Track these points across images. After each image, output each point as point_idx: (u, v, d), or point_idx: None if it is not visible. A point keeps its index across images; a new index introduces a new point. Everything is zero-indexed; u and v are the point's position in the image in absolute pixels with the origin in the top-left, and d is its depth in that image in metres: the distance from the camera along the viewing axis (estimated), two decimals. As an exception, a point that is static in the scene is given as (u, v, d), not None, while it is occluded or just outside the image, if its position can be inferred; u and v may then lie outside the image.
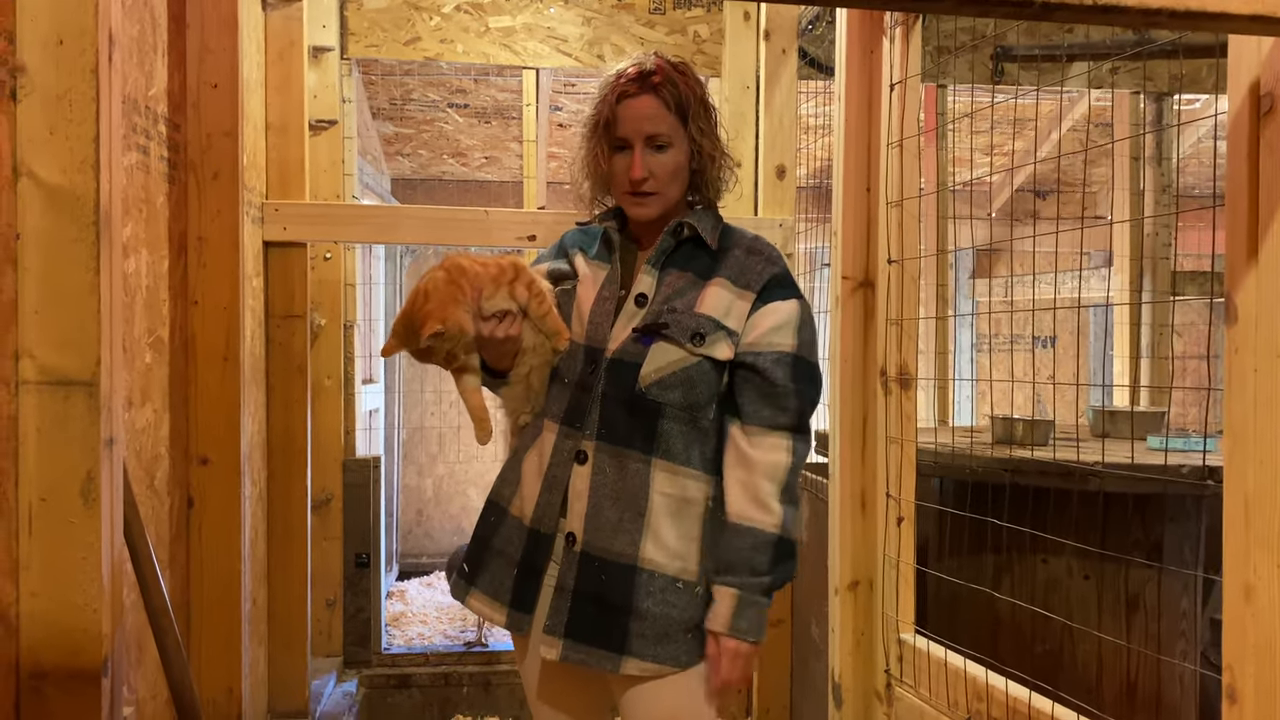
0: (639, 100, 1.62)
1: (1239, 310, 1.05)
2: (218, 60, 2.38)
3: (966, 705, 1.89)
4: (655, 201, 1.66)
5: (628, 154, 1.63)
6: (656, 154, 1.63)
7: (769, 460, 1.58)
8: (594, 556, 1.59)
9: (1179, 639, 2.57)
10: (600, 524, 1.59)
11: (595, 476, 1.60)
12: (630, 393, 1.60)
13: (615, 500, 1.59)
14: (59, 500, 1.47)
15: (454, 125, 4.85)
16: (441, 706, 3.50)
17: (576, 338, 1.66)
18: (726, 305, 1.62)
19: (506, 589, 1.65)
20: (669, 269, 1.66)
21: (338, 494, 3.39)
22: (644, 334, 1.61)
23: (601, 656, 1.59)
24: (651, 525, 1.59)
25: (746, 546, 1.56)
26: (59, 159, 1.47)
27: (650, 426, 1.60)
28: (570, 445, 1.63)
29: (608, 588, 1.59)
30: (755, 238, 1.72)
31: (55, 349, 1.47)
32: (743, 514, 1.58)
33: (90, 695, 1.47)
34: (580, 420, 1.62)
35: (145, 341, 2.13)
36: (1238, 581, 1.07)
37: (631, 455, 1.60)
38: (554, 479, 1.63)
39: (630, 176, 1.62)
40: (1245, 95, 1.04)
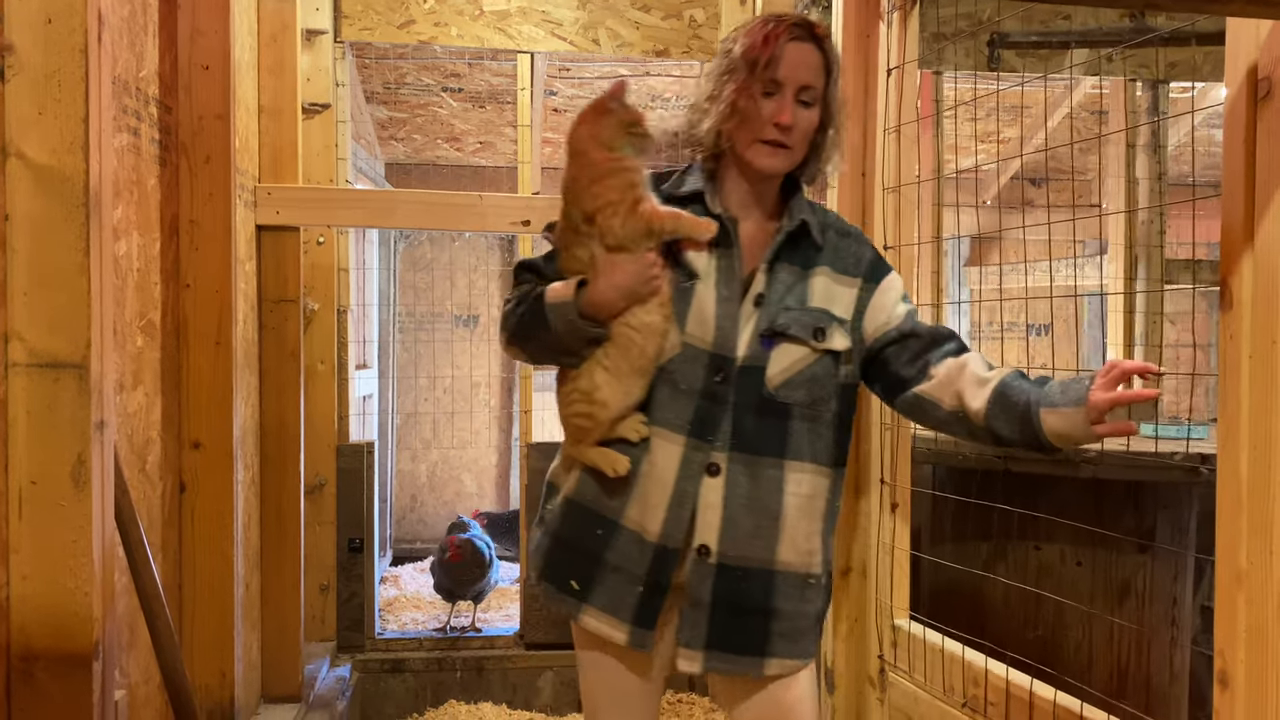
0: (805, 47, 1.54)
1: (1234, 296, 1.05)
2: (209, 42, 2.36)
3: (963, 690, 1.89)
4: (786, 157, 1.57)
5: (775, 98, 1.54)
6: (802, 109, 1.56)
7: (963, 361, 1.59)
8: (732, 566, 1.56)
9: (1170, 626, 2.58)
10: (736, 534, 1.56)
11: (729, 488, 1.55)
12: (759, 398, 1.56)
13: (750, 509, 1.56)
14: (49, 483, 1.46)
15: (448, 110, 4.83)
16: (435, 691, 3.50)
17: (700, 343, 1.56)
18: (834, 294, 1.61)
19: (629, 606, 1.58)
20: (777, 264, 1.61)
21: (331, 479, 3.39)
22: (765, 337, 1.56)
23: (746, 663, 1.59)
24: (786, 527, 1.58)
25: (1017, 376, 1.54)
26: (48, 139, 1.46)
27: (780, 429, 1.57)
28: (700, 458, 1.55)
29: (746, 595, 1.58)
30: (836, 216, 1.70)
31: (45, 331, 1.46)
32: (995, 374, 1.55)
33: (81, 678, 1.47)
34: (711, 432, 1.55)
35: (136, 325, 2.12)
36: (1230, 567, 1.07)
37: (765, 461, 1.57)
38: (683, 494, 1.55)
39: (778, 120, 1.53)
40: (1243, 79, 1.03)
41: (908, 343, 1.62)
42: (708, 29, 3.60)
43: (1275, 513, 1.01)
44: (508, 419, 5.75)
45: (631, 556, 1.58)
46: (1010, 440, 1.52)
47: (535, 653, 3.55)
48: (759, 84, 1.54)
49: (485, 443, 5.76)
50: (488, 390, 5.75)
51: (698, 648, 1.57)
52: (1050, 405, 1.46)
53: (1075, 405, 1.43)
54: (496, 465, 5.80)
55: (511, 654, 3.55)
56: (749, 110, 1.55)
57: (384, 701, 3.47)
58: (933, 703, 1.99)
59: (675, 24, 3.61)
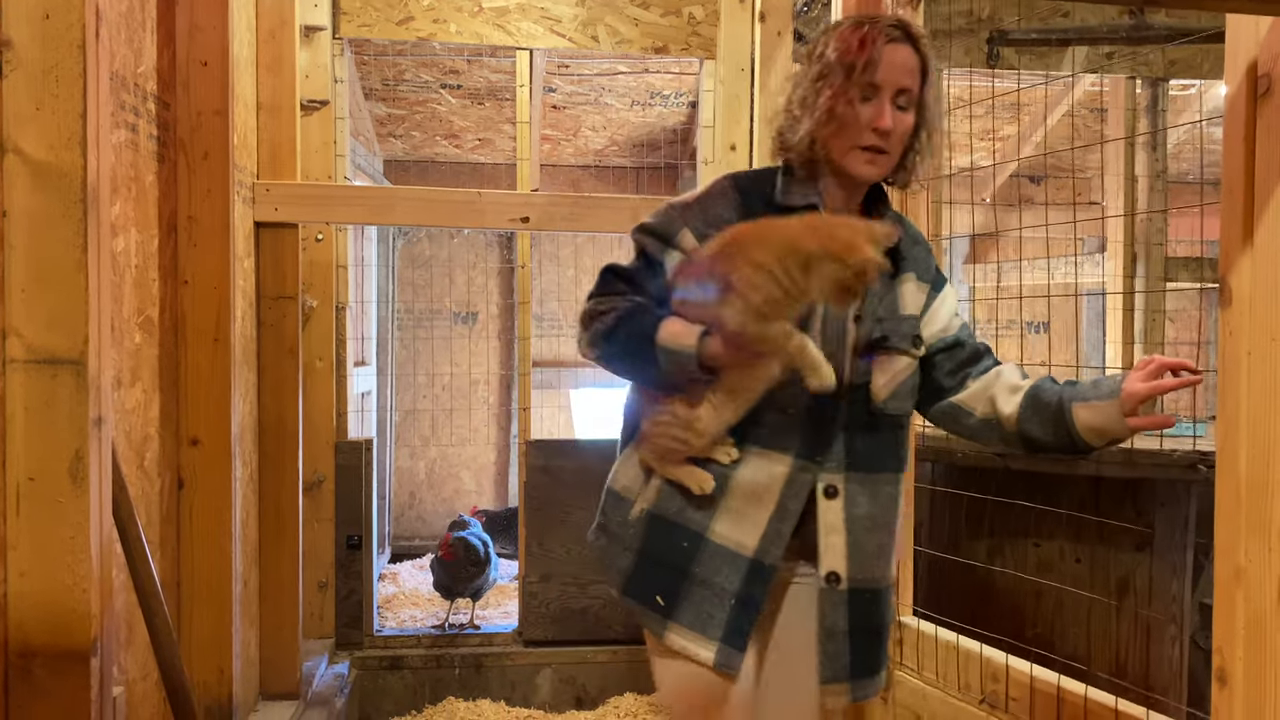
0: (902, 49, 1.48)
1: (1233, 293, 1.05)
2: (208, 38, 2.36)
3: (981, 687, 1.88)
4: (884, 162, 1.51)
5: (873, 103, 1.47)
6: (900, 112, 1.49)
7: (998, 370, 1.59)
8: (863, 590, 1.53)
9: (1169, 623, 2.58)
10: (863, 556, 1.52)
11: (849, 509, 1.51)
12: (868, 414, 1.52)
13: (872, 529, 1.53)
14: (47, 480, 1.46)
15: (447, 106, 4.82)
16: (433, 688, 3.50)
17: None
18: (918, 301, 1.60)
19: (718, 623, 1.49)
20: None
21: (330, 476, 3.39)
22: (867, 351, 1.52)
23: (876, 683, 1.58)
24: (893, 540, 1.58)
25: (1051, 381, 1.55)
26: (46, 135, 1.45)
27: (890, 442, 1.56)
28: (806, 478, 1.50)
29: (874, 616, 1.56)
30: (910, 224, 1.67)
31: (43, 327, 1.46)
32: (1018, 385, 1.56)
33: (79, 674, 1.46)
34: (821, 452, 1.50)
35: (134, 321, 2.12)
36: (1229, 564, 1.07)
37: (882, 478, 1.55)
38: (786, 511, 1.50)
39: (877, 125, 1.46)
40: (1243, 76, 1.03)
41: (954, 353, 1.62)
42: (707, 25, 3.59)
43: (1274, 510, 1.01)
44: (506, 416, 5.74)
45: (721, 571, 1.50)
46: (1043, 443, 1.51)
47: (534, 650, 3.55)
48: (856, 89, 1.47)
49: (484, 440, 5.76)
50: (486, 387, 5.75)
51: (844, 680, 1.53)
52: (1083, 399, 1.45)
53: (1109, 398, 1.41)
54: (495, 462, 5.80)
55: (510, 651, 3.54)
56: (846, 116, 1.48)
57: (382, 698, 3.47)
58: (945, 699, 1.99)
59: (674, 21, 3.60)
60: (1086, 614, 2.49)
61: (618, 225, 3.21)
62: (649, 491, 1.56)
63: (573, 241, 5.62)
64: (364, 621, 3.50)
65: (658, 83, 4.58)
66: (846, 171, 1.51)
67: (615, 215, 3.21)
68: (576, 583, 3.51)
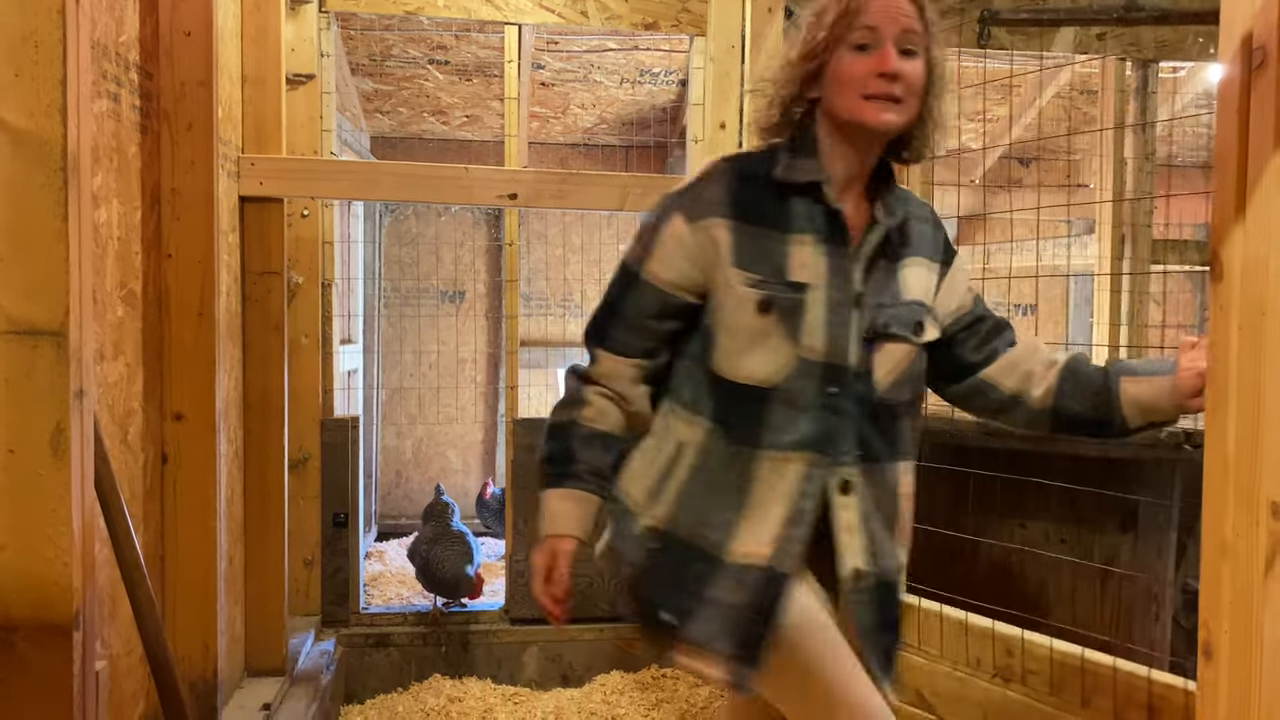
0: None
1: (1224, 267, 1.04)
2: (191, 7, 2.33)
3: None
4: (901, 111, 1.40)
5: (873, 51, 1.38)
6: (906, 58, 1.39)
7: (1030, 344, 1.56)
8: (884, 583, 1.49)
9: (1151, 603, 2.60)
10: (879, 550, 1.47)
11: (862, 504, 1.46)
12: (871, 403, 1.46)
13: (882, 520, 1.48)
14: (27, 452, 1.45)
15: (434, 82, 4.78)
16: (419, 665, 3.50)
17: (813, 354, 1.43)
18: (925, 284, 1.53)
19: (725, 637, 1.42)
20: (874, 260, 1.49)
21: (315, 453, 3.37)
22: (870, 339, 1.46)
23: (893, 675, 1.52)
24: (900, 530, 1.52)
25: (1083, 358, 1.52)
26: (25, 102, 1.43)
27: (892, 431, 1.49)
28: (822, 475, 1.43)
29: (894, 606, 1.51)
30: (911, 197, 1.59)
31: (22, 298, 1.44)
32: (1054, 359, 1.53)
33: (61, 648, 1.45)
34: (833, 446, 1.43)
35: (117, 294, 2.09)
36: (1216, 539, 1.07)
37: (885, 468, 1.49)
38: (800, 514, 1.42)
39: (882, 69, 1.36)
40: (1237, 48, 1.02)
41: (977, 328, 1.56)
42: (697, 2, 3.57)
43: (1262, 485, 1.02)
44: (494, 395, 5.73)
45: (732, 587, 1.42)
46: (1079, 418, 1.47)
47: (521, 628, 3.55)
48: (855, 36, 1.39)
49: (471, 418, 5.75)
50: (474, 366, 5.74)
51: (887, 679, 1.47)
52: (1131, 373, 1.41)
53: (1164, 374, 1.37)
54: (482, 441, 5.79)
55: (497, 629, 3.55)
56: (846, 70, 1.39)
57: (368, 676, 3.47)
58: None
59: (664, -3, 3.57)
60: (1070, 593, 2.50)
61: (606, 203, 3.19)
62: (660, 508, 1.50)
63: (561, 220, 5.60)
64: (350, 599, 3.49)
65: (647, 60, 4.55)
66: (862, 124, 1.41)
67: (604, 193, 3.19)
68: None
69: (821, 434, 1.43)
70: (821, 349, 1.43)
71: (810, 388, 1.42)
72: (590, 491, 1.52)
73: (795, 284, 1.43)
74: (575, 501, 1.51)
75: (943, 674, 2.01)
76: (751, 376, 1.44)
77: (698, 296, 1.49)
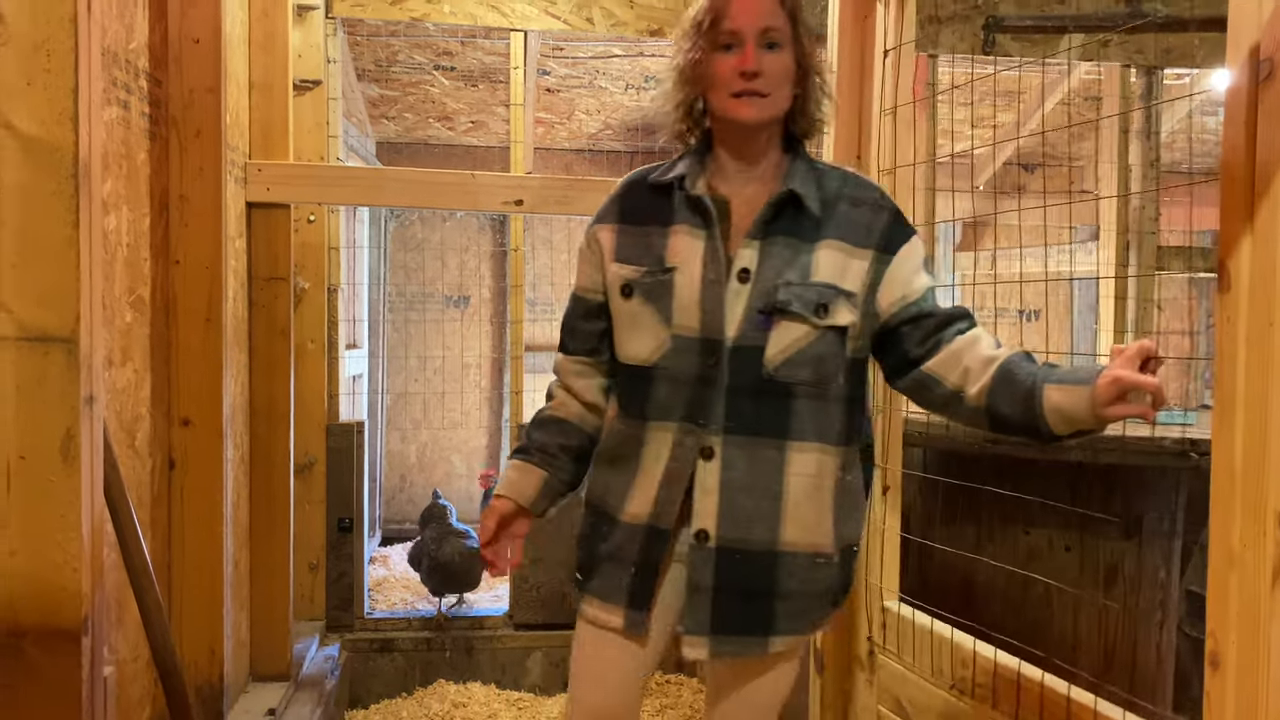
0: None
1: (1232, 278, 1.05)
2: (200, 14, 2.34)
3: (951, 673, 1.90)
4: (766, 105, 1.51)
5: (737, 51, 1.49)
6: (769, 52, 1.50)
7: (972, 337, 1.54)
8: (732, 549, 1.53)
9: (1156, 610, 2.60)
10: (736, 517, 1.53)
11: (725, 471, 1.52)
12: (757, 379, 1.51)
13: (749, 491, 1.53)
14: (38, 458, 1.45)
15: (440, 88, 4.79)
16: (424, 670, 3.51)
17: (688, 331, 1.52)
18: (841, 267, 1.53)
19: (623, 590, 1.59)
20: (773, 237, 1.54)
21: (321, 458, 3.38)
22: (764, 314, 1.50)
23: (750, 643, 1.56)
24: (789, 508, 1.54)
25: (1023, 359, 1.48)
26: (37, 110, 1.44)
27: (781, 409, 1.52)
28: (693, 442, 1.53)
29: (750, 577, 1.54)
30: (855, 180, 1.61)
31: (34, 304, 1.45)
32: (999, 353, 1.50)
33: (70, 653, 1.46)
34: (704, 416, 1.52)
35: (126, 300, 2.10)
36: (1223, 549, 1.08)
37: (763, 442, 1.53)
38: (674, 474, 1.54)
39: (742, 68, 1.48)
40: (1245, 60, 1.03)
41: (923, 322, 1.56)
42: None
43: (1269, 496, 1.02)
44: (498, 400, 5.74)
45: (623, 544, 1.58)
46: (1009, 421, 1.46)
47: (524, 633, 3.55)
48: (720, 39, 1.51)
49: (475, 423, 5.75)
50: (478, 371, 5.74)
51: (703, 633, 1.55)
52: (1057, 381, 1.40)
53: (1083, 384, 1.35)
54: (486, 446, 5.80)
55: (501, 634, 3.55)
56: (715, 71, 1.51)
57: (373, 681, 3.47)
58: (920, 684, 2.00)
59: (670, 3, 3.58)
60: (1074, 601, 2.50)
61: (612, 209, 3.19)
62: (590, 483, 1.70)
63: (566, 225, 5.61)
64: (355, 604, 3.50)
65: (653, 66, 4.56)
66: (731, 120, 1.53)
67: (609, 199, 3.19)
68: (567, 566, 3.51)
69: (694, 404, 1.53)
70: (697, 326, 1.52)
71: (689, 363, 1.53)
72: (535, 464, 1.69)
73: (666, 269, 1.55)
74: (520, 471, 1.69)
75: (914, 682, 2.02)
76: (635, 357, 1.58)
77: (603, 295, 1.65)
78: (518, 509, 1.68)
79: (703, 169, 1.59)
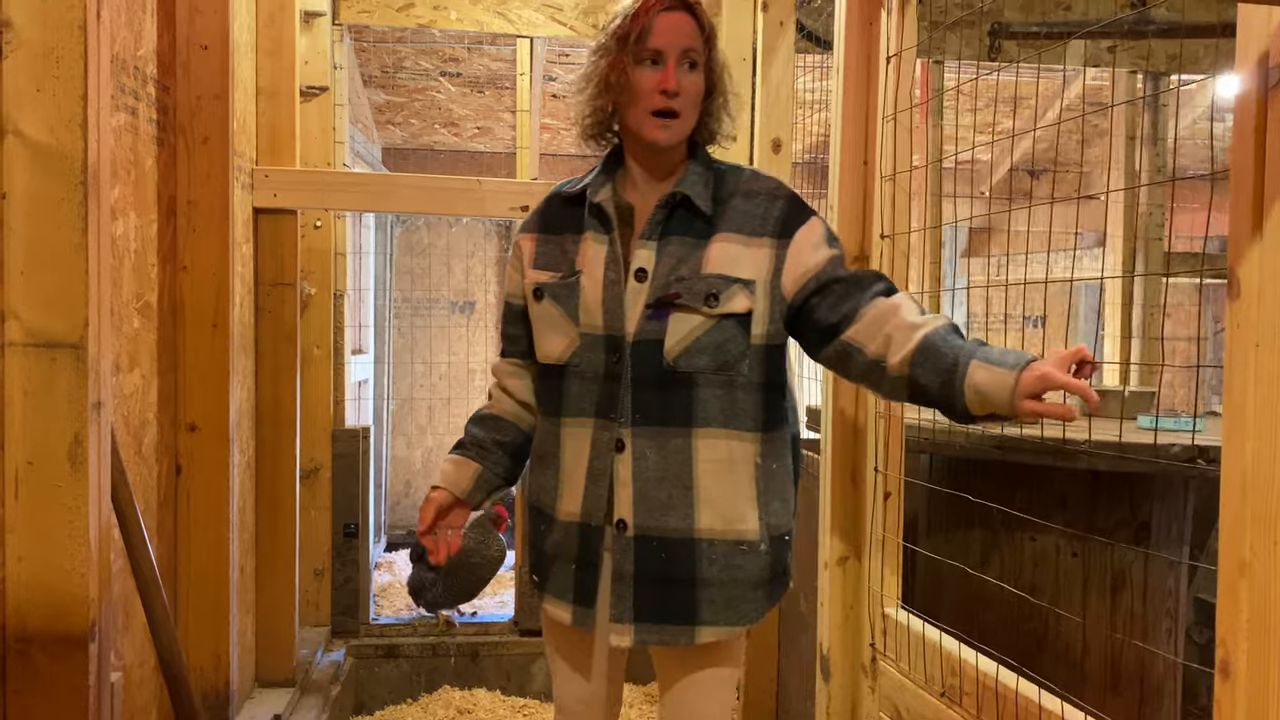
0: (677, 14, 1.57)
1: (1241, 285, 1.04)
2: (208, 21, 2.35)
3: (941, 680, 1.89)
4: (678, 126, 1.59)
5: (658, 68, 1.56)
6: (688, 73, 1.57)
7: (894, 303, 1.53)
8: (649, 538, 1.59)
9: (1164, 617, 2.59)
10: (649, 506, 1.58)
11: (636, 462, 1.58)
12: (659, 370, 1.57)
13: (660, 480, 1.58)
14: (46, 464, 1.45)
15: (446, 94, 4.80)
16: (429, 676, 3.50)
17: (594, 330, 1.60)
18: (735, 257, 1.58)
19: (569, 587, 1.65)
20: (667, 237, 1.61)
21: (326, 464, 3.38)
22: (658, 308, 1.57)
23: (675, 632, 1.61)
24: (702, 495, 1.59)
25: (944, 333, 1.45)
26: (46, 117, 1.44)
27: (686, 398, 1.58)
28: (608, 436, 1.60)
29: (669, 565, 1.59)
30: (750, 176, 1.67)
31: (42, 310, 1.45)
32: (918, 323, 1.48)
33: (77, 659, 1.46)
34: (614, 409, 1.59)
35: (133, 306, 2.11)
36: (1233, 558, 1.07)
37: (671, 432, 1.58)
38: (597, 470, 1.61)
39: (664, 87, 1.54)
40: (1254, 67, 1.03)
41: (831, 288, 1.57)
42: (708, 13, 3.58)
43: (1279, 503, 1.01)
44: (503, 406, 5.74)
45: (563, 542, 1.65)
46: (927, 391, 1.44)
47: (530, 639, 3.55)
48: (643, 54, 1.56)
49: (480, 429, 5.75)
50: (483, 376, 5.74)
51: (626, 621, 1.60)
52: (984, 359, 1.37)
53: (1010, 368, 1.33)
54: (491, 452, 5.79)
55: (506, 640, 3.55)
56: (633, 84, 1.56)
57: (378, 687, 3.47)
58: (916, 692, 1.99)
59: (676, 10, 3.59)
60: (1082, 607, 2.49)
61: (617, 215, 3.19)
62: (528, 483, 1.78)
63: (571, 231, 5.61)
64: (360, 609, 3.50)
65: (658, 72, 4.55)
66: (643, 139, 1.59)
67: (615, 205, 3.19)
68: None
69: (605, 400, 1.60)
70: (601, 324, 1.60)
71: (597, 359, 1.60)
72: (470, 458, 1.76)
73: (574, 272, 1.64)
74: (456, 465, 1.76)
75: (910, 690, 2.01)
76: (549, 356, 1.66)
77: (523, 300, 1.73)
78: (454, 500, 1.75)
79: (611, 179, 1.68)
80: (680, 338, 1.56)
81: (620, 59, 1.57)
